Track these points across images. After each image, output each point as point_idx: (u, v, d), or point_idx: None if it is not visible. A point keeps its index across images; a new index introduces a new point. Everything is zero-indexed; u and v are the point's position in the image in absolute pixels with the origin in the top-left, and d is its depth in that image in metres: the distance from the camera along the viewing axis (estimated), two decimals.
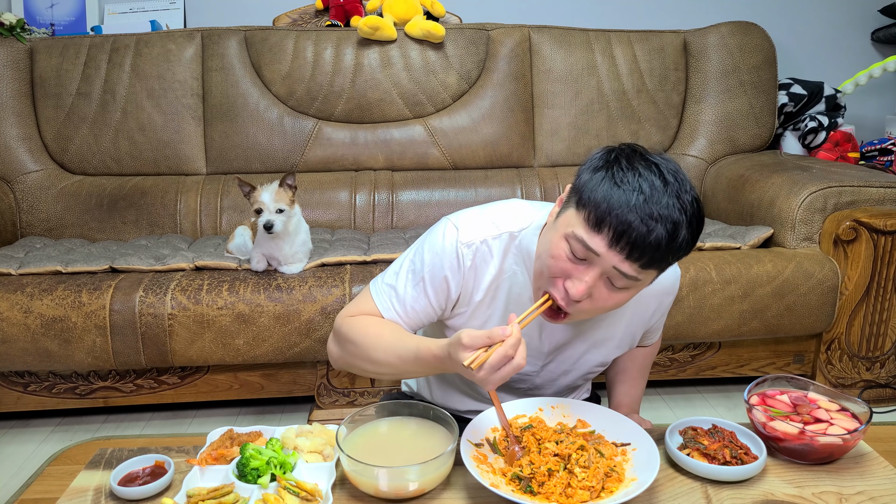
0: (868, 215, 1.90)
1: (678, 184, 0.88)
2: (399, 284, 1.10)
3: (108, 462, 1.02)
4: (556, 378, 1.19)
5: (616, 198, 0.86)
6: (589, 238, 0.88)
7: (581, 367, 1.18)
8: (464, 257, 1.05)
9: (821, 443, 0.96)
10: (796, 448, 0.98)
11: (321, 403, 1.94)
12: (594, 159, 0.93)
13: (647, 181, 0.87)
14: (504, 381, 0.89)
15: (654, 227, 0.85)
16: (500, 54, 2.54)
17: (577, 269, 0.91)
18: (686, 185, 0.89)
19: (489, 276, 1.07)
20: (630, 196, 0.86)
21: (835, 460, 0.99)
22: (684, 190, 0.88)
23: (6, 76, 2.41)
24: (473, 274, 1.07)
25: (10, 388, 1.88)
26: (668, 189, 0.87)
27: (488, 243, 1.06)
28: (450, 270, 1.06)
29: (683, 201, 0.87)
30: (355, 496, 0.93)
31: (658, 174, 0.88)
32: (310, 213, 2.38)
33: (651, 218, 0.85)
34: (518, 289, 1.08)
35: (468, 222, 1.08)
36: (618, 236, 0.86)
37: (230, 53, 2.47)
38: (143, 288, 1.79)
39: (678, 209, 0.86)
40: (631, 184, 0.86)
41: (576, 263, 0.91)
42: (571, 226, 0.90)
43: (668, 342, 1.99)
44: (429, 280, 1.08)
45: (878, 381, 2.03)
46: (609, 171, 0.89)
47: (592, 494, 0.87)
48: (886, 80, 2.99)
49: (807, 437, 0.96)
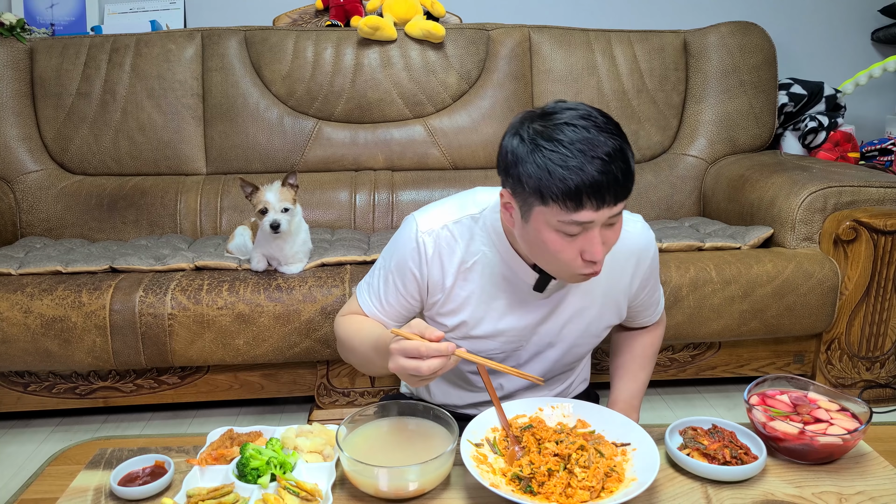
0: (868, 215, 1.90)
1: (590, 117, 0.92)
2: (374, 282, 1.18)
3: (108, 462, 1.02)
4: (542, 351, 1.19)
5: (573, 172, 0.89)
6: (578, 216, 0.91)
7: (565, 339, 1.18)
8: (425, 245, 1.10)
9: (821, 443, 0.96)
10: (796, 448, 0.98)
11: (321, 403, 1.94)
12: (514, 154, 0.95)
13: (576, 139, 0.90)
14: (403, 372, 0.92)
15: (613, 168, 0.89)
16: (500, 54, 2.54)
17: (582, 240, 0.94)
18: (588, 110, 0.93)
19: (456, 260, 1.11)
20: (578, 162, 0.89)
21: (835, 460, 1.00)
22: (596, 116, 0.92)
23: (6, 76, 2.41)
24: (438, 260, 1.11)
25: (10, 388, 1.88)
26: (591, 130, 0.90)
27: (449, 228, 1.11)
28: (413, 261, 1.11)
29: (606, 127, 0.92)
30: (355, 496, 0.93)
31: (574, 126, 0.91)
32: (310, 213, 2.38)
33: (606, 165, 0.89)
34: (490, 268, 1.11)
35: (428, 213, 1.13)
36: (598, 199, 0.90)
37: (230, 53, 2.47)
38: (143, 288, 1.79)
39: (611, 135, 0.91)
40: (569, 151, 0.89)
41: (577, 237, 0.94)
42: (551, 218, 0.93)
43: (668, 342, 1.99)
44: (396, 273, 1.14)
45: (878, 381, 2.03)
46: (541, 154, 0.91)
47: (592, 494, 0.87)
48: (886, 80, 2.99)
49: (807, 437, 0.96)
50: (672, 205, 2.56)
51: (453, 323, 1.15)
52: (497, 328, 1.14)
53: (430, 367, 0.90)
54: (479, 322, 1.14)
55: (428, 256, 1.11)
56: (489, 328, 1.14)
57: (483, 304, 1.13)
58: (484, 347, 1.16)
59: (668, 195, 2.56)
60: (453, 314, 1.15)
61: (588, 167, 0.88)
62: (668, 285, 1.87)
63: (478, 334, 1.15)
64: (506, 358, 1.19)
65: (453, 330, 1.16)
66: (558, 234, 0.94)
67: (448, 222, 1.11)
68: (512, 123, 0.98)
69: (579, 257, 0.95)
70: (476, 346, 1.16)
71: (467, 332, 1.15)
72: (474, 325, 1.14)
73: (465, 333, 1.16)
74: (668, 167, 2.58)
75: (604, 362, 1.98)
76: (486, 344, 1.16)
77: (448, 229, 1.11)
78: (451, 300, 1.14)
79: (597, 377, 1.99)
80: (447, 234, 1.11)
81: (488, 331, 1.15)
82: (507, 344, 1.17)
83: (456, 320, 1.15)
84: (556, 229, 0.94)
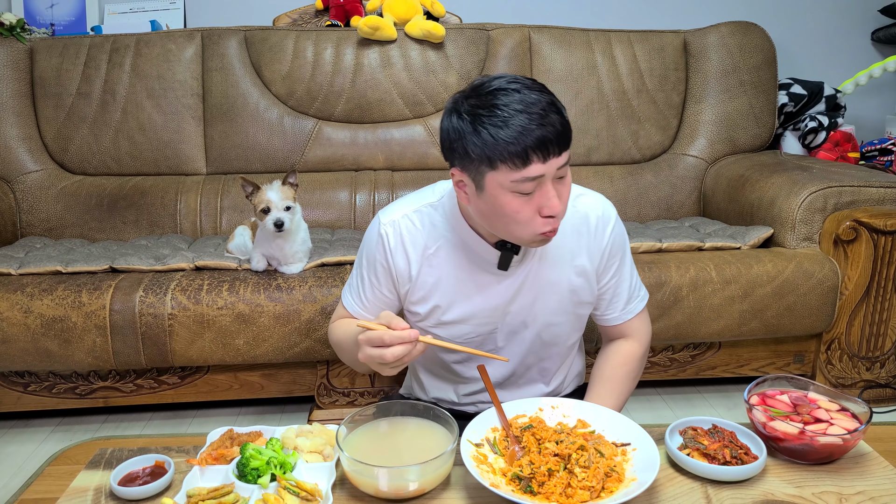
0: (868, 215, 1.90)
1: (517, 80, 0.97)
2: (353, 282, 1.24)
3: (108, 462, 1.02)
4: (517, 332, 1.20)
5: (508, 132, 0.94)
6: (528, 172, 0.95)
7: (538, 317, 1.18)
8: (387, 236, 1.15)
9: (821, 443, 0.96)
10: (796, 448, 0.98)
11: (321, 403, 1.94)
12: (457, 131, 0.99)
13: (509, 101, 0.95)
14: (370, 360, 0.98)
15: (551, 119, 0.94)
16: (500, 54, 2.54)
17: (538, 197, 0.98)
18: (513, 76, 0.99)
19: (419, 247, 1.15)
20: (514, 119, 0.94)
21: (835, 460, 1.00)
22: (522, 79, 0.98)
23: (6, 76, 2.41)
24: (402, 248, 1.15)
25: (10, 388, 1.88)
26: (522, 90, 0.95)
27: (409, 217, 1.16)
28: (379, 253, 1.16)
29: (535, 86, 0.97)
30: (355, 496, 0.93)
31: (506, 90, 0.96)
32: (310, 213, 2.38)
33: (543, 117, 0.94)
34: (453, 252, 1.14)
35: (389, 208, 1.19)
36: (543, 151, 0.94)
37: (230, 53, 2.47)
38: (143, 288, 1.79)
39: (541, 92, 0.96)
40: (502, 112, 0.94)
41: (532, 196, 0.98)
42: (504, 180, 0.97)
43: (668, 342, 1.99)
44: (368, 269, 1.19)
45: (878, 381, 2.03)
46: (481, 122, 0.96)
47: (592, 494, 0.87)
48: (886, 80, 2.99)
49: (807, 437, 0.96)
50: (672, 205, 2.56)
51: (425, 310, 1.18)
52: (468, 311, 1.16)
53: (393, 354, 0.94)
54: (449, 307, 1.16)
55: (391, 246, 1.15)
56: (460, 312, 1.16)
57: (451, 289, 1.15)
58: (458, 332, 1.19)
59: (668, 195, 2.56)
60: (424, 301, 1.17)
61: (527, 123, 0.93)
62: (668, 285, 1.87)
63: (449, 319, 1.17)
64: (482, 342, 1.21)
65: (426, 318, 1.19)
66: (514, 194, 0.97)
67: (408, 212, 1.16)
68: (446, 107, 1.03)
69: (538, 215, 0.99)
70: (450, 332, 1.19)
71: (440, 318, 1.18)
72: (445, 310, 1.17)
73: (437, 320, 1.18)
74: (668, 167, 2.58)
75: None
76: (459, 329, 1.18)
77: (408, 218, 1.16)
78: (419, 287, 1.17)
79: None
80: (407, 222, 1.15)
81: (459, 315, 1.17)
82: (480, 326, 1.18)
83: (427, 307, 1.17)
84: (511, 190, 0.97)
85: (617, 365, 1.24)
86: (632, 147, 2.60)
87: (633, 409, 2.04)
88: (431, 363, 1.30)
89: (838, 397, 1.06)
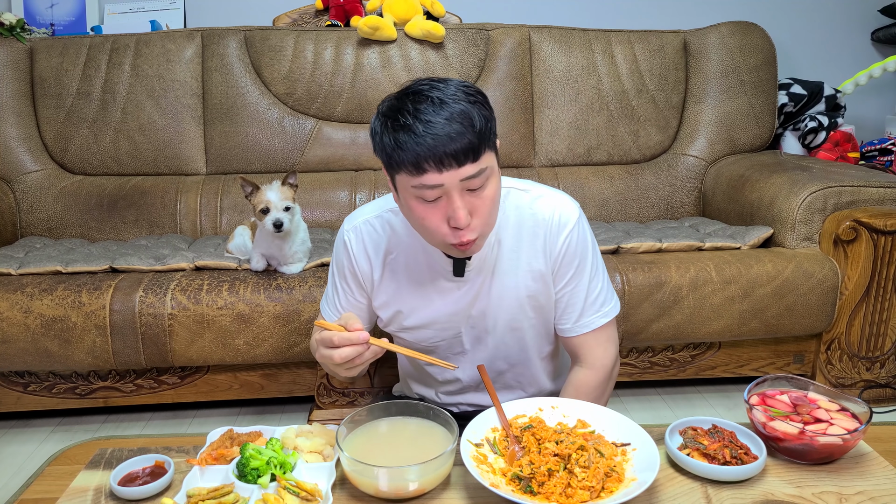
0: (868, 215, 1.90)
1: (435, 88, 0.94)
2: (329, 292, 1.25)
3: (108, 462, 1.02)
4: (481, 337, 1.19)
5: (407, 137, 0.92)
6: (424, 179, 0.93)
7: (500, 321, 1.16)
8: (350, 241, 1.17)
9: (821, 443, 0.96)
10: (796, 448, 0.98)
11: (321, 403, 1.94)
12: (373, 131, 0.98)
13: (415, 108, 0.92)
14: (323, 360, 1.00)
15: (448, 130, 0.91)
16: (500, 54, 2.54)
17: (444, 205, 0.96)
18: (440, 82, 0.95)
19: (381, 252, 1.16)
20: (415, 127, 0.91)
21: (835, 460, 1.00)
22: (442, 87, 0.94)
23: (6, 76, 2.41)
24: (364, 253, 1.16)
25: (10, 388, 1.88)
26: (434, 97, 0.93)
27: (370, 222, 1.16)
28: (346, 258, 1.17)
29: (450, 94, 0.93)
30: (355, 496, 0.93)
31: (419, 94, 0.94)
32: (310, 213, 2.38)
33: (442, 127, 0.91)
34: (413, 258, 1.14)
35: (353, 214, 1.20)
36: (436, 161, 0.91)
37: (230, 53, 2.47)
38: (143, 288, 1.79)
39: (456, 100, 0.93)
40: (409, 118, 0.92)
41: (437, 205, 0.96)
42: (407, 185, 0.96)
43: (668, 342, 1.98)
44: (338, 276, 1.21)
45: (878, 381, 2.03)
46: (387, 126, 0.94)
47: (592, 494, 0.87)
48: (886, 80, 2.99)
49: (807, 437, 0.96)
50: (672, 205, 2.56)
51: (387, 315, 1.19)
52: (429, 317, 1.16)
53: (341, 355, 0.95)
54: (410, 312, 1.17)
55: (354, 252, 1.16)
56: (421, 318, 1.17)
57: (412, 295, 1.16)
58: (421, 337, 1.19)
59: (668, 195, 2.56)
60: (386, 307, 1.18)
61: (421, 130, 0.91)
62: (668, 285, 1.87)
63: (411, 325, 1.18)
64: (448, 346, 1.21)
65: (389, 323, 1.20)
66: (417, 200, 0.97)
67: (370, 217, 1.17)
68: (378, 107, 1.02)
69: (446, 224, 0.97)
70: (413, 337, 1.20)
71: (402, 324, 1.19)
72: (407, 316, 1.17)
73: (400, 325, 1.19)
74: (668, 167, 2.58)
75: None
76: (422, 334, 1.19)
77: (369, 223, 1.16)
78: (381, 292, 1.18)
79: None
80: (369, 227, 1.16)
81: (421, 321, 1.17)
82: (442, 331, 1.18)
83: (389, 312, 1.18)
84: (414, 196, 0.96)
85: (567, 396, 1.18)
86: (632, 147, 2.60)
87: (633, 409, 2.05)
88: (410, 365, 1.33)
89: (838, 397, 1.06)
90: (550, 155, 2.58)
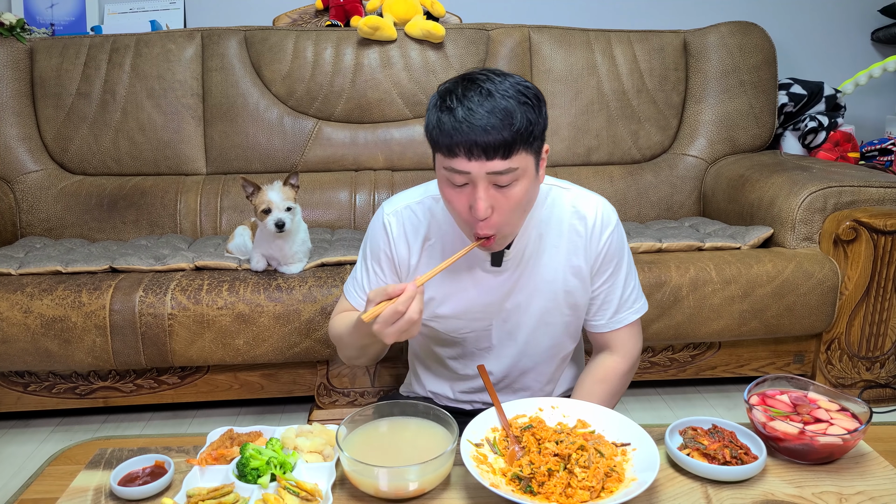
0: (868, 215, 1.90)
1: (491, 79, 0.96)
2: (357, 274, 1.25)
3: (108, 462, 1.02)
4: (512, 332, 1.20)
5: (447, 119, 0.95)
6: (454, 163, 0.96)
7: (532, 316, 1.18)
8: (390, 225, 1.18)
9: (821, 443, 0.96)
10: (796, 448, 0.98)
11: (321, 403, 1.94)
12: (428, 106, 1.01)
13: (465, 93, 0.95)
14: (400, 334, 0.98)
15: (485, 122, 0.93)
16: (500, 54, 2.54)
17: (469, 193, 0.98)
18: (499, 73, 0.98)
19: (420, 238, 1.17)
20: (457, 111, 0.94)
21: (835, 460, 1.00)
22: (499, 80, 0.96)
23: (6, 76, 2.41)
24: (404, 238, 1.17)
25: (10, 388, 1.88)
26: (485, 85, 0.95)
27: (412, 208, 1.18)
28: (382, 242, 1.19)
29: (501, 88, 0.95)
30: (355, 496, 0.93)
31: (473, 80, 0.96)
32: (310, 213, 2.38)
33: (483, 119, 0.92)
34: (452, 246, 1.15)
35: (394, 199, 1.21)
36: (467, 148, 0.94)
37: (230, 53, 2.47)
38: (143, 288, 1.79)
39: (504, 96, 0.94)
40: (455, 101, 0.95)
41: (463, 190, 0.99)
42: (440, 165, 1.00)
43: (668, 342, 1.98)
44: (372, 259, 1.21)
45: (878, 381, 2.03)
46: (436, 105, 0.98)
47: (592, 494, 0.87)
48: (886, 80, 2.99)
49: (807, 437, 0.96)
50: (672, 205, 2.56)
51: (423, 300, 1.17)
52: (462, 306, 1.17)
53: (413, 311, 0.97)
54: (444, 300, 1.18)
55: (394, 235, 1.18)
56: (454, 307, 1.18)
57: (447, 283, 1.16)
58: (452, 327, 1.20)
59: (668, 195, 2.56)
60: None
61: (461, 116, 0.93)
62: (667, 285, 1.87)
63: (444, 313, 1.19)
64: (477, 338, 1.22)
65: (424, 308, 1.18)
66: (447, 182, 1.00)
67: (411, 203, 1.18)
68: None
69: (468, 211, 0.99)
70: (444, 326, 1.20)
71: (434, 311, 1.19)
72: (440, 303, 1.18)
73: (432, 312, 1.19)
74: (668, 167, 2.58)
75: None
76: (453, 323, 1.19)
77: (410, 209, 1.18)
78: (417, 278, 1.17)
79: None
80: (410, 213, 1.18)
81: (454, 309, 1.18)
82: (474, 322, 1.19)
83: (425, 297, 1.18)
84: (445, 178, 1.00)
85: (597, 381, 1.21)
86: (632, 147, 2.60)
87: (633, 409, 2.05)
88: (428, 358, 1.32)
89: (838, 397, 1.06)
90: (550, 155, 2.58)
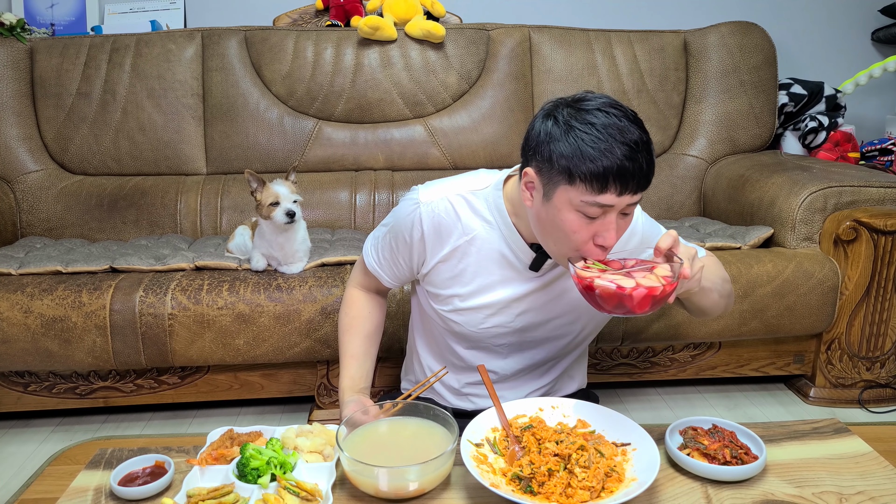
0: (868, 215, 1.90)
1: (619, 106, 0.97)
2: (378, 236, 1.26)
3: (108, 462, 1.02)
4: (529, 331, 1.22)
5: (603, 155, 0.93)
6: (601, 199, 0.95)
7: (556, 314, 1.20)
8: (422, 216, 1.15)
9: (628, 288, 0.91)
10: (615, 297, 0.92)
11: (321, 403, 1.94)
12: (548, 134, 0.98)
13: (608, 123, 0.94)
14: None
15: (639, 157, 0.94)
16: (500, 54, 2.54)
17: (598, 224, 0.98)
18: (615, 100, 0.98)
19: (455, 232, 1.15)
20: (610, 145, 0.93)
21: (657, 307, 0.94)
22: (623, 107, 0.97)
23: (6, 76, 2.41)
24: (434, 230, 1.15)
25: (10, 388, 1.88)
26: (622, 118, 0.95)
27: (449, 199, 1.15)
28: (406, 229, 1.16)
29: (634, 118, 0.96)
30: (355, 496, 0.93)
31: (606, 112, 0.95)
32: (310, 213, 2.38)
33: (634, 153, 0.93)
34: (487, 243, 1.14)
35: (431, 186, 1.18)
36: (622, 184, 0.94)
37: (230, 53, 2.47)
38: (143, 288, 1.79)
39: (639, 128, 0.96)
40: (602, 135, 0.93)
41: (593, 221, 0.98)
42: (575, 198, 0.96)
43: (668, 342, 1.98)
44: (392, 236, 1.21)
45: (878, 381, 2.03)
46: (574, 135, 0.95)
47: (592, 494, 0.87)
48: (886, 80, 2.99)
49: (620, 286, 0.91)
50: (672, 205, 2.56)
51: (446, 293, 1.19)
52: (487, 302, 1.17)
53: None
54: (470, 295, 1.18)
55: (424, 226, 1.15)
56: (479, 302, 1.18)
57: (477, 278, 1.16)
58: (473, 320, 1.20)
59: (668, 195, 2.56)
60: (446, 285, 1.18)
61: (617, 151, 0.92)
62: None
63: (467, 307, 1.19)
64: (496, 333, 1.22)
65: (444, 301, 1.20)
66: (578, 214, 0.97)
67: (449, 194, 1.15)
68: (543, 108, 1.02)
69: (591, 241, 0.99)
70: (465, 318, 1.20)
71: (457, 305, 1.19)
72: (465, 298, 1.18)
73: (454, 305, 1.19)
74: (668, 167, 2.58)
75: (604, 362, 1.98)
76: (474, 317, 1.20)
77: (448, 201, 1.15)
78: (443, 271, 1.18)
79: (596, 377, 2.00)
80: (447, 205, 1.15)
81: (478, 304, 1.18)
82: (495, 317, 1.19)
83: (449, 291, 1.19)
84: (577, 209, 0.97)
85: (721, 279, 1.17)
86: None
87: (633, 409, 2.04)
88: (438, 346, 1.31)
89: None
90: None
